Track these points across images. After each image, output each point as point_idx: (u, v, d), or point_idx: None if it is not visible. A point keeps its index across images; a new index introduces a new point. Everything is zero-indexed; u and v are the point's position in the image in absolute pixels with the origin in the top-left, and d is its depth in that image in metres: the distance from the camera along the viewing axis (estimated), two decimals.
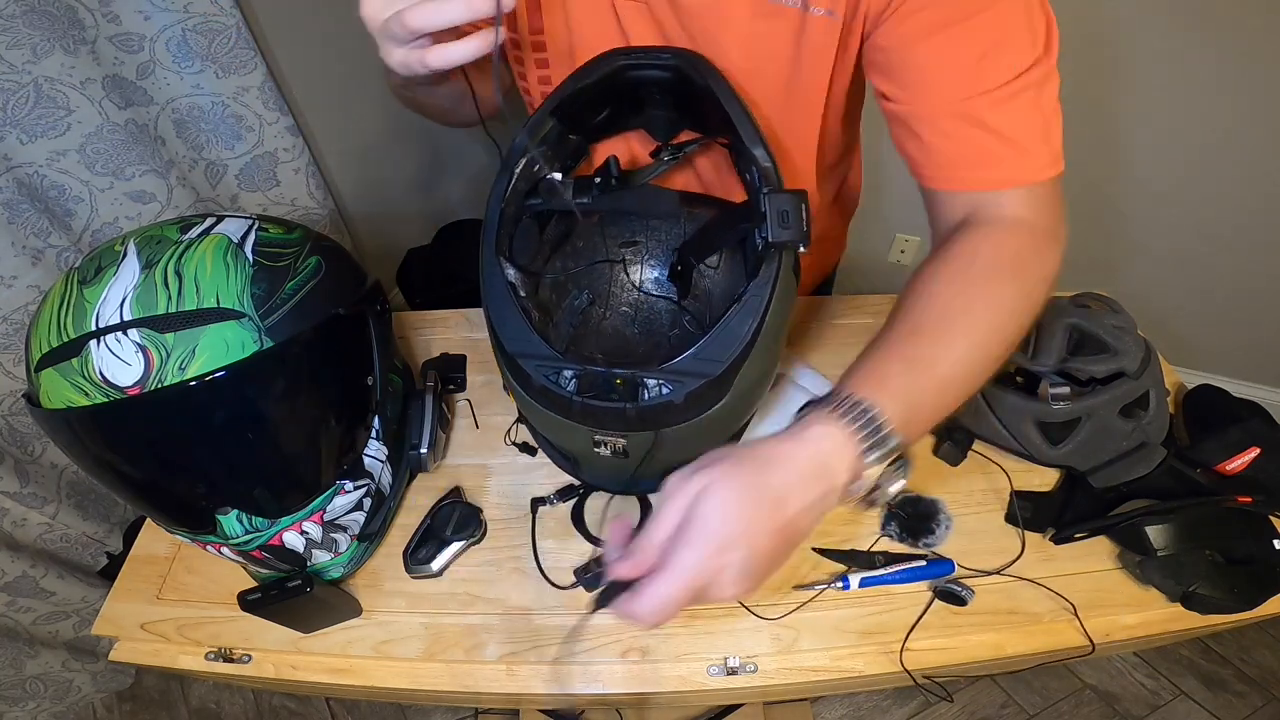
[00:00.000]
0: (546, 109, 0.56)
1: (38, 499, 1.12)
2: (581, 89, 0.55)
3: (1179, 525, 0.62)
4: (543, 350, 0.51)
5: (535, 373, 0.51)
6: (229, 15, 1.13)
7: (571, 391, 0.50)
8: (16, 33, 0.92)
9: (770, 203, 0.50)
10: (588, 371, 0.50)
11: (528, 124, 0.56)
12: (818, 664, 0.60)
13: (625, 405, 0.50)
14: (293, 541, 0.57)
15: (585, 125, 0.62)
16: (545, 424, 0.59)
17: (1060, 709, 1.34)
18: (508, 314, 0.52)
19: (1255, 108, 1.33)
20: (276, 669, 0.62)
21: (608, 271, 0.76)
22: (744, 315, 0.50)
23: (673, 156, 0.62)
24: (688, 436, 0.54)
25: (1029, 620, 0.62)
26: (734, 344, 0.50)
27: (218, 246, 0.52)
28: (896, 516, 0.67)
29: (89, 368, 0.47)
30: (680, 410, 0.51)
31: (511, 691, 0.60)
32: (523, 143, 0.56)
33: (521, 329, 0.51)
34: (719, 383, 0.50)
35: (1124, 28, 1.32)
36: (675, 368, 0.49)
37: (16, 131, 0.97)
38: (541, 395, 0.52)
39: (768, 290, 0.50)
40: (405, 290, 1.92)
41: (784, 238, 0.49)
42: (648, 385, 0.50)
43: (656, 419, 0.51)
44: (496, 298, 0.53)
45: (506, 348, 0.52)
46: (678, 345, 0.76)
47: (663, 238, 0.75)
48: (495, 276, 0.53)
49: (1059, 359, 0.66)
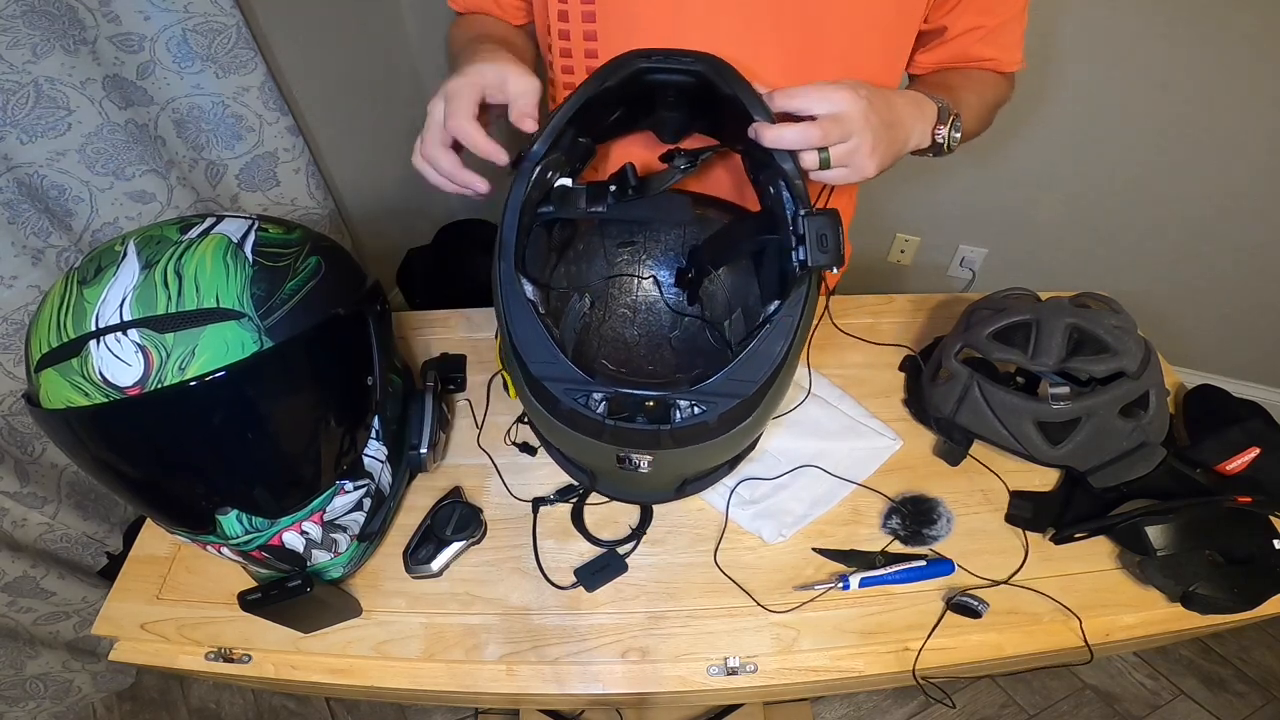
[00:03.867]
0: (565, 115, 0.54)
1: (38, 499, 1.12)
2: (602, 92, 0.54)
3: (1179, 525, 0.62)
4: (570, 373, 0.50)
5: (564, 396, 0.50)
6: (229, 15, 1.13)
7: (602, 414, 0.49)
8: (16, 33, 0.92)
9: (809, 226, 0.50)
10: (619, 394, 0.49)
11: (543, 129, 0.54)
12: (818, 664, 0.60)
13: (660, 428, 0.49)
14: (292, 542, 0.57)
15: (597, 128, 0.61)
16: (566, 442, 0.58)
17: (1060, 709, 1.34)
18: (533, 336, 0.51)
19: (1256, 108, 1.33)
20: (276, 669, 0.62)
21: (605, 273, 0.75)
22: (775, 337, 0.50)
23: (690, 164, 0.60)
24: (712, 451, 0.54)
25: (1029, 621, 0.62)
26: (766, 365, 0.50)
27: (218, 246, 0.52)
28: (898, 512, 0.67)
29: (89, 368, 0.47)
30: (712, 430, 0.51)
31: (511, 691, 0.60)
32: (540, 150, 0.54)
33: (547, 349, 0.50)
34: (750, 402, 0.51)
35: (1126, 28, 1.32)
36: (708, 389, 0.49)
37: (16, 131, 0.97)
38: (570, 418, 0.51)
39: (799, 311, 0.50)
40: (405, 290, 1.92)
41: (823, 262, 0.50)
42: (680, 407, 0.49)
43: (688, 439, 0.51)
44: (520, 319, 0.51)
45: (533, 371, 0.50)
46: (680, 347, 0.76)
47: (660, 239, 0.75)
48: (515, 295, 0.51)
49: (1059, 359, 0.66)
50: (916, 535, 0.66)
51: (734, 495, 0.69)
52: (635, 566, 0.66)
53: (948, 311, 0.90)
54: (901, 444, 0.75)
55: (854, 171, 0.54)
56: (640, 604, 0.64)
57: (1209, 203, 1.48)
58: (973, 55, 0.72)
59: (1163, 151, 1.45)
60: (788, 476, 0.71)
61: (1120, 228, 1.60)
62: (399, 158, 2.08)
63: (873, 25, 0.65)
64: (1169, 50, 1.31)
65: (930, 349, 0.83)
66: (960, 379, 0.71)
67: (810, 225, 0.50)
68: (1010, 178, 1.60)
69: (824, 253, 0.50)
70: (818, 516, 0.69)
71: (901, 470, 0.73)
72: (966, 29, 0.70)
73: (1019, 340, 0.69)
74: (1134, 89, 1.38)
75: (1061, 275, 1.72)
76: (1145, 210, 1.55)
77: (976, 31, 0.70)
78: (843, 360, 0.83)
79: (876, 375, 0.83)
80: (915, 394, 0.79)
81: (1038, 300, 0.74)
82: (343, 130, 1.57)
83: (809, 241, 0.50)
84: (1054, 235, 1.68)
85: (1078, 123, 1.47)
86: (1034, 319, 0.69)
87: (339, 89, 1.53)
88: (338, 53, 1.51)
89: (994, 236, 1.76)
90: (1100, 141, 1.48)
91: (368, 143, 1.67)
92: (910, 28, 0.68)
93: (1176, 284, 1.63)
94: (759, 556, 0.66)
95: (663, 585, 0.65)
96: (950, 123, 0.62)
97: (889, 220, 1.84)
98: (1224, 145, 1.39)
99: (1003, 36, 0.71)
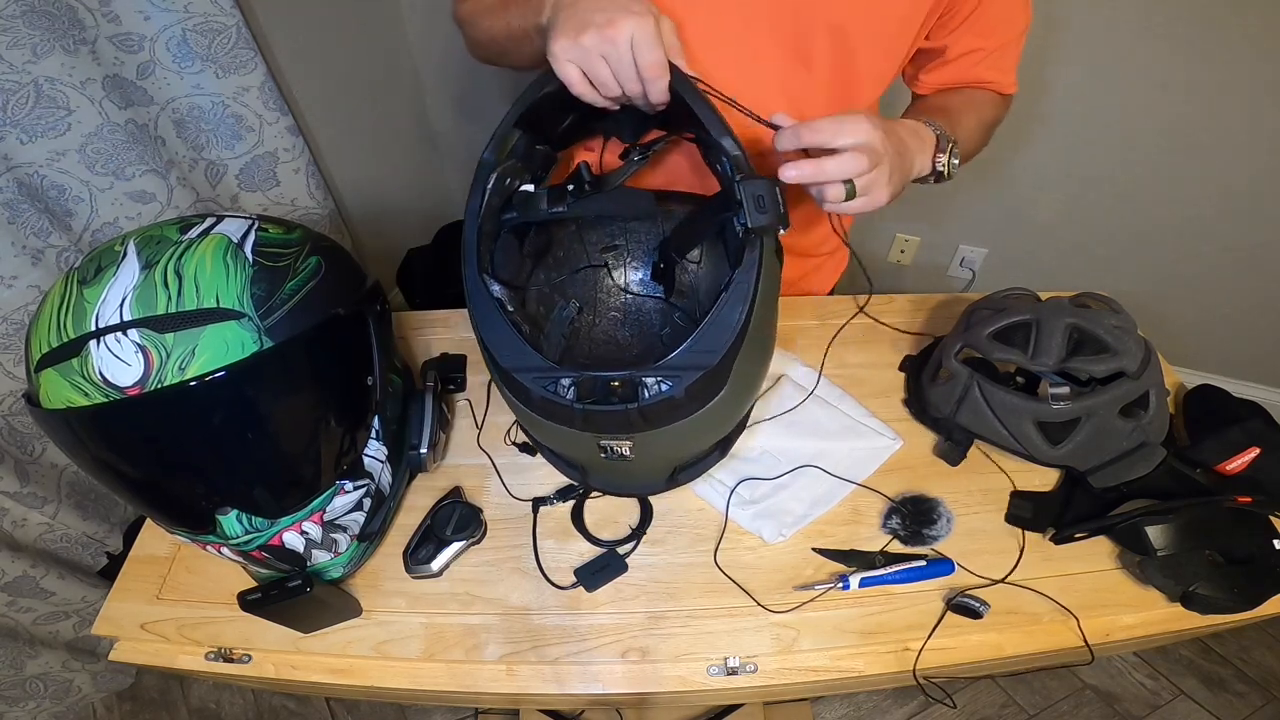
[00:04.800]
0: (509, 121, 0.56)
1: (38, 499, 1.12)
2: (543, 97, 0.55)
3: (1179, 525, 0.62)
4: (537, 362, 0.51)
5: (534, 385, 0.51)
6: (229, 15, 1.13)
7: (572, 399, 0.50)
8: (16, 33, 0.92)
9: (745, 189, 0.51)
10: (584, 376, 0.50)
11: (492, 139, 0.56)
12: (818, 664, 0.60)
13: (627, 407, 0.50)
14: (292, 542, 0.57)
15: (551, 134, 0.61)
16: (549, 436, 0.58)
17: (1060, 709, 1.34)
18: (498, 330, 0.52)
19: (1256, 108, 1.33)
20: (276, 669, 0.62)
21: (593, 278, 0.76)
22: (734, 303, 0.50)
23: (642, 156, 0.62)
24: (690, 431, 0.54)
25: (1029, 621, 0.62)
26: (727, 332, 0.50)
27: (218, 246, 0.52)
28: (898, 512, 0.67)
29: (89, 368, 0.47)
30: (682, 405, 0.51)
31: (511, 691, 0.60)
32: (490, 158, 0.55)
33: (513, 343, 0.51)
34: (717, 373, 0.51)
35: (1126, 28, 1.32)
36: (671, 363, 0.50)
37: (16, 131, 0.97)
38: (543, 407, 0.52)
39: (753, 276, 0.51)
40: (405, 290, 1.92)
41: (762, 222, 0.50)
42: (646, 384, 0.50)
43: (659, 417, 0.51)
44: (485, 316, 0.53)
45: (501, 363, 0.52)
46: (671, 343, 0.76)
47: (642, 239, 0.75)
48: (480, 294, 0.53)
49: (1059, 359, 0.66)
50: (916, 535, 0.66)
51: (734, 495, 0.69)
52: (635, 566, 0.66)
53: (948, 311, 0.90)
54: (901, 444, 0.75)
55: (871, 201, 0.55)
56: (640, 604, 0.64)
57: (1209, 202, 1.48)
58: (973, 77, 0.74)
59: (1163, 151, 1.45)
60: (788, 476, 0.71)
61: (1120, 228, 1.60)
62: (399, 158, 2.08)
63: (873, 35, 0.66)
64: (1169, 50, 1.31)
65: (930, 349, 0.83)
66: (960, 379, 0.71)
67: (746, 189, 0.51)
68: (1010, 178, 1.60)
69: (762, 213, 0.50)
70: (818, 516, 0.69)
71: (901, 470, 0.73)
72: (966, 50, 0.72)
73: (1019, 340, 0.69)
74: (1134, 89, 1.38)
75: (1061, 275, 1.72)
76: (1145, 210, 1.55)
77: (976, 54, 0.72)
78: (844, 360, 0.83)
79: (876, 375, 0.83)
80: (915, 394, 0.79)
81: (1038, 300, 0.74)
82: (343, 130, 1.57)
83: (746, 205, 0.50)
84: (1054, 235, 1.68)
85: (1077, 123, 1.47)
86: (1034, 319, 0.69)
87: (339, 89, 1.53)
88: (338, 53, 1.51)
89: (994, 236, 1.76)
90: (1100, 141, 1.48)
91: (368, 143, 1.67)
92: (907, 41, 0.69)
93: (1176, 284, 1.63)
94: (759, 556, 0.66)
95: (663, 585, 0.65)
96: (949, 150, 0.64)
97: (889, 220, 1.84)
98: (1224, 145, 1.39)
99: (1002, 60, 0.74)
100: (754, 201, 0.50)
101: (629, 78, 0.51)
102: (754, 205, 0.50)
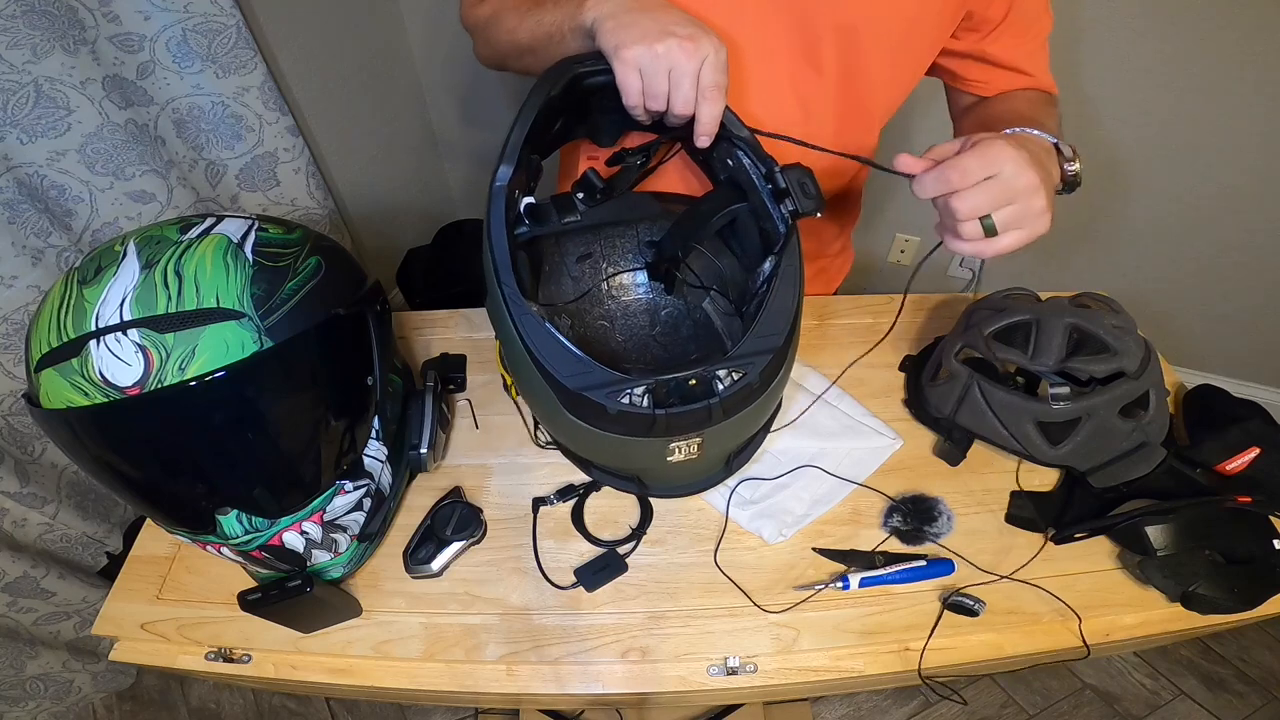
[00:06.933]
0: (523, 130, 0.54)
1: (38, 499, 1.12)
2: (547, 103, 0.54)
3: (1179, 525, 0.62)
4: (606, 376, 0.50)
5: (608, 401, 0.49)
6: (229, 15, 1.13)
7: (649, 407, 0.50)
8: (16, 33, 0.92)
9: (790, 177, 0.53)
10: (659, 381, 0.50)
11: (503, 154, 0.54)
12: (818, 664, 0.60)
13: (709, 402, 0.50)
14: (293, 542, 0.57)
15: (543, 141, 0.61)
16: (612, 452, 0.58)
17: (1060, 709, 1.34)
18: (556, 353, 0.50)
19: (1256, 107, 1.33)
20: (276, 669, 0.62)
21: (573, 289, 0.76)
22: (786, 286, 0.53)
23: (645, 158, 0.62)
24: (755, 414, 0.56)
25: (1029, 620, 0.62)
26: (786, 314, 0.52)
27: (218, 246, 0.52)
28: (898, 512, 0.67)
29: (89, 368, 0.47)
30: (757, 390, 0.52)
31: (511, 691, 0.60)
32: (507, 174, 0.54)
33: (576, 362, 0.50)
34: (781, 353, 0.53)
35: (1126, 27, 1.32)
36: (742, 353, 0.51)
37: (16, 131, 0.97)
38: (620, 421, 0.51)
39: (797, 258, 0.54)
40: (405, 290, 1.92)
41: (809, 207, 0.53)
42: (719, 377, 0.51)
43: (736, 406, 0.52)
44: (541, 342, 0.51)
45: (569, 386, 0.50)
46: (665, 342, 0.77)
47: (616, 243, 0.75)
48: (529, 320, 0.51)
49: (1059, 359, 0.66)
50: (917, 535, 0.66)
51: (734, 495, 0.69)
52: (635, 566, 0.66)
53: (948, 311, 0.90)
54: (901, 444, 0.75)
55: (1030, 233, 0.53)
56: (640, 604, 0.64)
57: (1209, 202, 1.48)
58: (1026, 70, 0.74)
59: (1163, 151, 1.45)
60: (788, 476, 0.71)
61: (1119, 227, 1.60)
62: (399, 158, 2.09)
63: (881, 36, 0.66)
64: (1168, 50, 1.31)
65: (930, 349, 0.83)
66: (960, 379, 0.71)
67: (790, 176, 0.53)
68: None
69: (809, 198, 0.53)
70: (818, 516, 0.69)
71: (901, 470, 0.73)
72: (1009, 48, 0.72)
73: (1019, 340, 0.69)
74: (1133, 88, 1.38)
75: (1061, 275, 1.72)
76: (1145, 210, 1.55)
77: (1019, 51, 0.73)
78: (844, 360, 0.83)
79: (876, 375, 0.83)
80: (915, 394, 0.79)
81: (1038, 300, 0.74)
82: (343, 130, 1.57)
83: (794, 191, 0.53)
84: (1054, 235, 1.67)
85: (1076, 122, 1.47)
86: (1034, 319, 0.69)
87: (339, 89, 1.53)
88: (338, 53, 1.51)
89: None
90: (1099, 141, 1.48)
91: (368, 142, 1.67)
92: (919, 43, 0.69)
93: (1176, 284, 1.63)
94: (759, 556, 0.66)
95: (663, 585, 0.65)
96: (1072, 157, 0.61)
97: (889, 220, 1.84)
98: (1224, 145, 1.39)
99: (1042, 60, 0.76)
100: (800, 187, 0.53)
101: (685, 97, 0.51)
102: (800, 190, 0.53)
